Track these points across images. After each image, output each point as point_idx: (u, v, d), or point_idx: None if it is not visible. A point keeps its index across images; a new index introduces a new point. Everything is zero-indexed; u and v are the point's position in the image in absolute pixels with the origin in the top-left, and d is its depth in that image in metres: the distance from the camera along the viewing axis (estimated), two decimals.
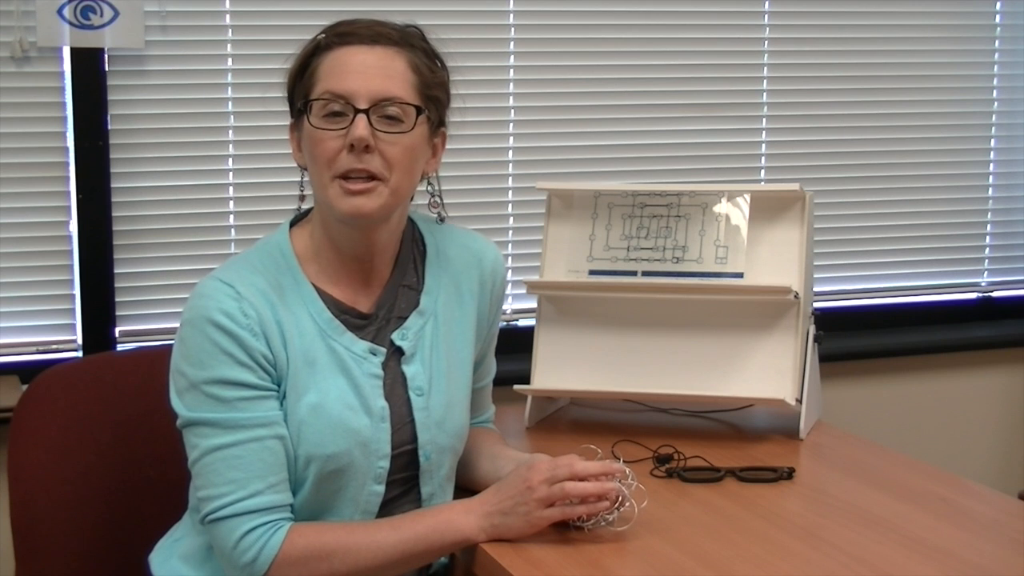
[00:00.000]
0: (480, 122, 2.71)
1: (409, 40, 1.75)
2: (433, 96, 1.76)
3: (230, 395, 1.66)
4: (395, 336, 1.79)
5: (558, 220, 2.34)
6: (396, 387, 1.78)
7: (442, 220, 1.87)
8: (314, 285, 1.76)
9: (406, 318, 1.81)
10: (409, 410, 1.78)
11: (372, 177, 1.69)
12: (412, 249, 1.86)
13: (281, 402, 1.70)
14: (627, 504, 1.72)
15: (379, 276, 1.81)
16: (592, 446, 1.84)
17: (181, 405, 1.69)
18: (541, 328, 2.32)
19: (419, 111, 1.72)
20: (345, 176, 1.69)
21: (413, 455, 1.78)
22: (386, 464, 1.74)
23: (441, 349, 1.82)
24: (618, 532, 1.71)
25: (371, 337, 1.78)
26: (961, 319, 3.15)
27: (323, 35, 1.74)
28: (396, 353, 1.79)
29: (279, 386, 1.70)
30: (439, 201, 1.85)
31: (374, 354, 1.76)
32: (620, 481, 1.72)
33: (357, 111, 1.68)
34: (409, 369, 1.79)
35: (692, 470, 2.01)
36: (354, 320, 1.77)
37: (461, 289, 1.87)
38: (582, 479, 1.69)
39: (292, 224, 1.82)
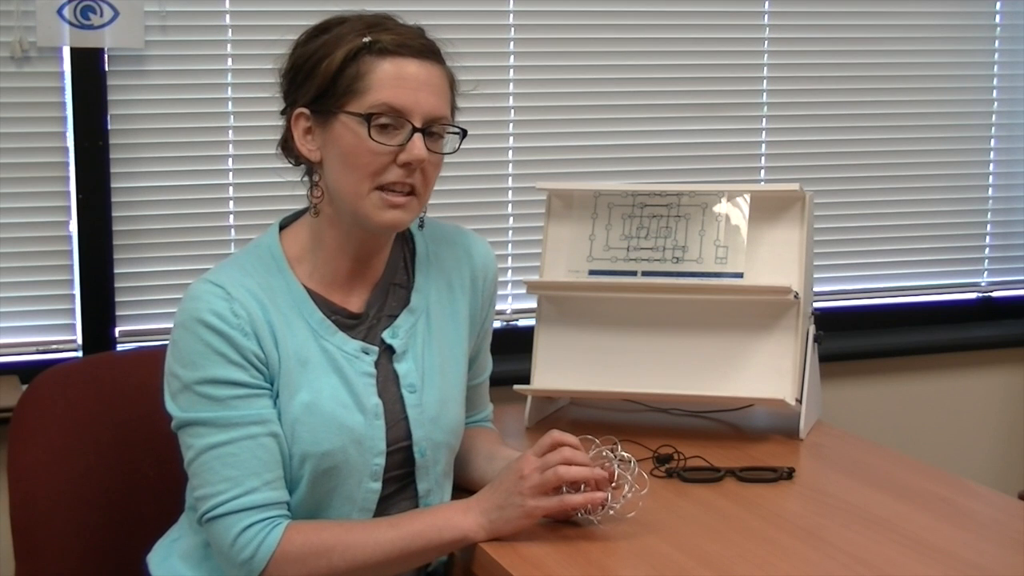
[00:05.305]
0: (480, 122, 2.70)
1: (442, 53, 1.75)
2: (457, 108, 1.78)
3: (223, 394, 1.66)
4: (386, 334, 1.79)
5: (558, 220, 2.34)
6: (389, 385, 1.78)
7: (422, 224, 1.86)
8: (304, 286, 1.76)
9: (396, 316, 1.81)
10: (403, 407, 1.78)
11: (409, 190, 1.70)
12: (402, 248, 1.86)
13: (274, 401, 1.70)
14: (631, 491, 1.72)
15: (372, 275, 1.81)
16: (590, 436, 1.82)
17: (175, 407, 1.69)
18: (541, 328, 2.32)
19: (464, 135, 1.74)
20: (387, 187, 1.69)
21: (408, 452, 1.78)
22: (381, 461, 1.74)
23: (433, 346, 1.82)
24: (618, 531, 1.72)
25: (362, 336, 1.78)
26: (961, 319, 3.14)
27: (368, 37, 1.69)
28: (388, 351, 1.79)
29: (272, 385, 1.70)
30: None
31: (366, 353, 1.77)
32: (619, 467, 1.71)
33: (415, 129, 1.68)
34: (401, 367, 1.79)
35: (692, 470, 2.01)
36: (345, 320, 1.77)
37: (452, 286, 1.87)
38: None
39: (283, 226, 1.82)
